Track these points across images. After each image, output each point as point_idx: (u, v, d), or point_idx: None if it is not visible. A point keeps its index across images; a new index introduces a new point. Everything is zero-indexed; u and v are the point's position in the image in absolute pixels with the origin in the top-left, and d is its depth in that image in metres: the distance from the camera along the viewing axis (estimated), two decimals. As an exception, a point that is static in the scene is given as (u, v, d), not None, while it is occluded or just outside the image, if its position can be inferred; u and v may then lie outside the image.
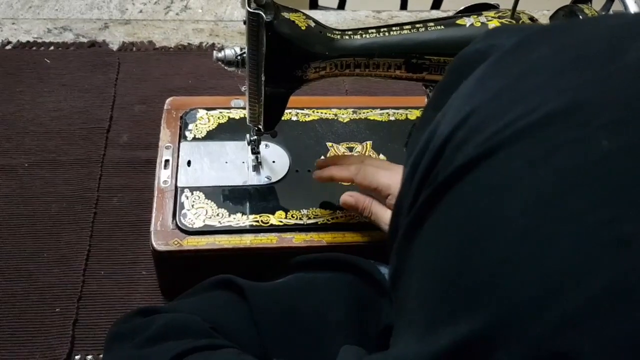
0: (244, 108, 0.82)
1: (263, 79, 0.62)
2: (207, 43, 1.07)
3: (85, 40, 1.05)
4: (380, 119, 0.86)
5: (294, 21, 0.61)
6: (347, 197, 0.68)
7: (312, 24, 0.62)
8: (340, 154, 0.80)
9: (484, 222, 0.25)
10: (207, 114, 0.83)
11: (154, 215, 0.70)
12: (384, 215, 0.66)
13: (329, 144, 0.81)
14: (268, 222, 0.71)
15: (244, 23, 0.59)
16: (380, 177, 0.65)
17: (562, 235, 0.22)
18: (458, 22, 0.64)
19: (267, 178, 0.76)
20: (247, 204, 0.73)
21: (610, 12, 0.69)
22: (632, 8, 0.61)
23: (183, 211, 0.71)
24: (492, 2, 0.68)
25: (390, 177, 0.65)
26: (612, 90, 0.24)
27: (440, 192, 0.27)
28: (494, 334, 0.23)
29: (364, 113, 0.86)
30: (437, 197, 0.28)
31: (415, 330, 0.29)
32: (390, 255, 0.33)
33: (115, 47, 1.05)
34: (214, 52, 0.65)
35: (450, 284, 0.26)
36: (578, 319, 0.21)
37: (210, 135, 0.80)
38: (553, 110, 0.24)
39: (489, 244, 0.25)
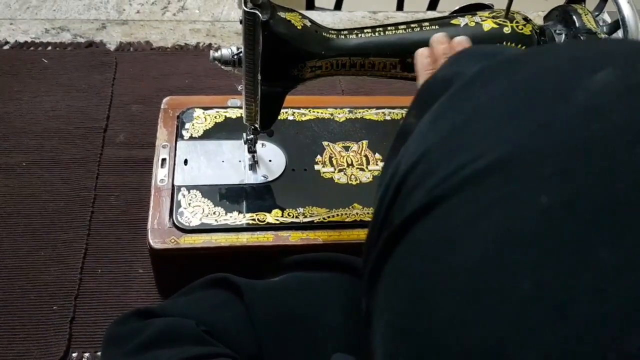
0: (240, 107, 0.83)
1: (259, 78, 0.63)
2: (204, 43, 1.08)
3: (82, 40, 1.06)
4: (376, 119, 0.86)
5: (290, 21, 0.61)
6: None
7: (308, 24, 0.63)
8: (336, 153, 0.80)
9: (432, 278, 0.24)
10: (203, 113, 0.83)
11: (150, 213, 0.70)
12: None
13: (325, 143, 0.82)
14: (264, 221, 0.71)
15: (240, 23, 0.60)
16: None
17: (499, 299, 0.21)
18: (453, 22, 0.65)
19: (264, 177, 0.76)
20: (244, 202, 0.73)
21: (604, 12, 0.69)
22: (625, 8, 0.62)
23: (180, 210, 0.71)
24: (486, 2, 0.69)
25: None
26: (556, 137, 0.23)
27: (396, 238, 0.27)
28: None
29: (359, 112, 0.86)
30: (393, 242, 0.27)
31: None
32: (360, 290, 0.32)
33: (112, 47, 1.05)
34: (211, 51, 0.65)
35: (402, 340, 0.26)
36: None
37: (207, 135, 0.81)
38: (495, 159, 0.23)
39: (435, 303, 0.24)
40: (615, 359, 0.19)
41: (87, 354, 0.69)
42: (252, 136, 0.74)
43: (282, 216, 0.72)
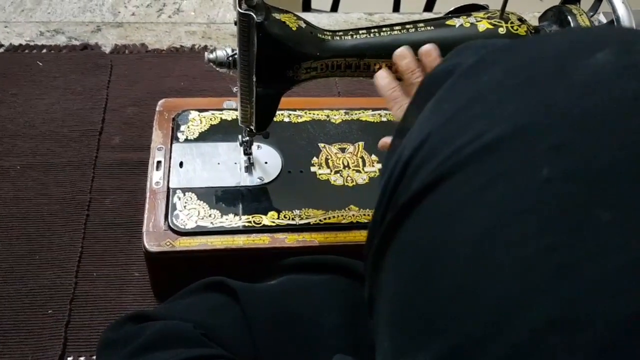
0: (236, 109, 0.83)
1: (254, 79, 0.62)
2: (200, 45, 1.07)
3: (77, 43, 1.05)
4: (372, 120, 0.86)
5: (284, 22, 0.61)
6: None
7: (303, 25, 0.63)
8: (332, 155, 0.80)
9: (435, 250, 0.25)
10: (199, 115, 0.83)
11: (146, 216, 0.70)
12: None
13: (321, 144, 0.82)
14: (260, 223, 0.71)
15: (235, 24, 0.60)
16: None
17: (504, 265, 0.22)
18: (448, 22, 0.65)
19: (260, 179, 0.76)
20: (240, 204, 0.73)
21: (599, 12, 0.69)
22: (620, 8, 0.62)
23: (175, 212, 0.71)
24: (481, 3, 0.69)
25: None
26: (556, 113, 0.24)
27: (401, 218, 0.27)
28: None
29: (356, 114, 0.86)
30: (398, 222, 0.28)
31: (384, 357, 0.29)
32: (365, 277, 0.33)
33: (107, 49, 1.05)
34: (206, 53, 0.65)
35: (408, 314, 0.26)
36: (523, 351, 0.21)
37: (203, 137, 0.80)
38: (497, 136, 0.24)
39: (439, 273, 0.24)
40: (612, 319, 0.19)
41: (82, 358, 0.69)
42: (247, 138, 0.74)
43: (278, 218, 0.72)
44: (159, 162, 0.76)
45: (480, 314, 0.22)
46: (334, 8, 1.58)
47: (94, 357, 0.68)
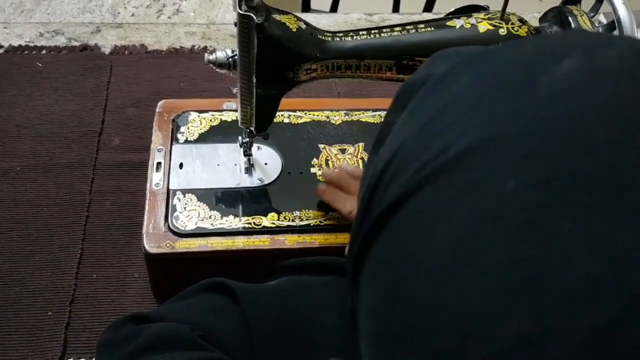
0: (235, 110, 0.82)
1: (254, 80, 0.62)
2: (199, 46, 1.07)
3: (77, 44, 1.05)
4: (372, 121, 0.86)
5: (284, 23, 0.61)
6: (324, 190, 0.71)
7: (303, 26, 0.63)
8: (332, 156, 0.80)
9: (408, 265, 0.25)
10: (199, 116, 0.83)
11: (146, 217, 0.70)
12: (344, 205, 0.70)
13: (321, 145, 0.81)
14: (260, 224, 0.71)
15: (235, 25, 0.59)
16: None
17: (473, 279, 0.22)
18: (448, 23, 0.65)
19: (260, 180, 0.76)
20: (240, 206, 0.73)
21: (600, 13, 0.69)
22: (620, 9, 0.62)
23: (175, 213, 0.71)
24: (482, 4, 0.68)
25: None
26: (522, 123, 0.24)
27: (374, 231, 0.27)
28: None
29: (356, 115, 0.86)
30: (372, 236, 0.28)
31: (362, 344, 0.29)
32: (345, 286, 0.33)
33: (107, 50, 1.05)
34: (206, 54, 0.65)
35: (383, 328, 0.26)
36: None
37: (202, 138, 0.80)
38: (465, 147, 0.24)
39: (412, 288, 0.24)
40: (577, 332, 0.19)
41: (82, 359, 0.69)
42: (247, 139, 0.74)
43: (278, 219, 0.72)
44: (158, 164, 0.76)
45: (449, 329, 0.22)
46: (334, 8, 1.58)
47: (94, 359, 0.68)
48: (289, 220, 0.72)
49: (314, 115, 0.85)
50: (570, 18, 0.65)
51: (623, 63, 0.25)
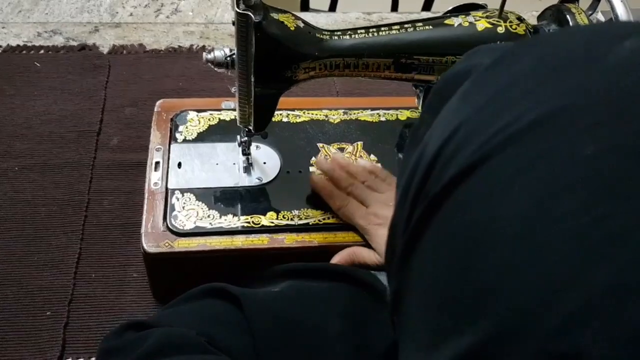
0: (234, 109, 0.82)
1: (253, 79, 0.62)
2: (198, 45, 1.07)
3: (75, 43, 1.05)
4: (371, 120, 0.86)
5: (283, 22, 0.61)
6: (338, 259, 0.69)
7: (301, 25, 0.63)
8: (330, 155, 0.80)
9: (481, 230, 0.25)
10: (197, 115, 0.83)
11: (144, 217, 0.70)
12: (369, 255, 0.68)
13: (319, 144, 0.81)
14: (259, 223, 0.71)
15: (233, 24, 0.59)
16: (356, 218, 0.70)
17: (557, 236, 0.23)
18: (446, 22, 0.65)
19: (258, 179, 0.76)
20: (238, 205, 0.73)
21: (598, 11, 0.69)
22: (618, 7, 0.62)
23: (174, 213, 0.71)
24: (480, 2, 0.69)
25: (365, 216, 0.69)
26: (592, 93, 0.25)
27: (434, 207, 0.28)
28: (497, 342, 0.23)
29: (354, 114, 0.86)
30: (431, 212, 0.28)
31: (418, 347, 0.29)
32: (388, 279, 0.33)
33: (105, 50, 1.05)
34: (204, 53, 0.65)
35: (450, 296, 0.26)
36: (579, 319, 0.21)
37: (201, 137, 0.80)
38: (537, 117, 0.25)
39: (487, 252, 0.25)
40: None
41: (81, 360, 0.69)
42: (246, 138, 0.74)
43: (277, 219, 0.72)
44: (157, 163, 0.76)
45: (533, 286, 0.23)
46: (332, 8, 1.58)
47: (93, 359, 0.68)
48: (287, 219, 0.72)
49: (312, 114, 0.85)
50: (568, 16, 0.65)
51: None
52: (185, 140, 0.79)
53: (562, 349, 0.21)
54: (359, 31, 0.64)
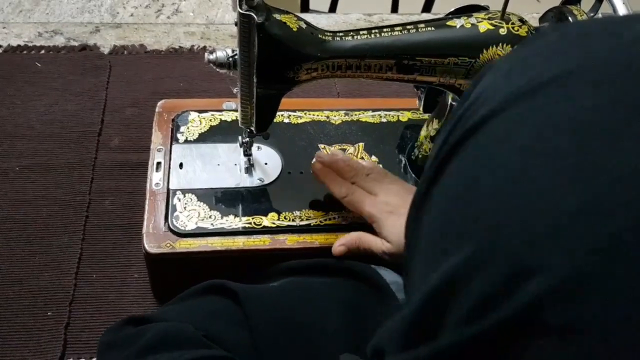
0: (235, 110, 0.82)
1: (255, 80, 0.62)
2: (199, 46, 1.07)
3: (76, 43, 1.05)
4: (372, 121, 0.86)
5: (285, 23, 0.61)
6: (338, 249, 0.68)
7: (304, 26, 0.63)
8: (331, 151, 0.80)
9: (481, 165, 0.28)
10: (198, 116, 0.83)
11: (146, 217, 0.70)
12: (375, 242, 0.67)
13: (321, 145, 0.81)
14: (261, 224, 0.71)
15: (236, 25, 0.59)
16: (365, 206, 0.68)
17: (541, 169, 0.25)
18: (448, 23, 0.65)
19: (260, 180, 0.76)
20: (240, 206, 0.73)
21: (599, 13, 0.69)
22: (620, 9, 0.62)
23: (175, 213, 0.71)
24: (482, 4, 0.69)
25: (375, 204, 0.68)
26: (601, 57, 0.27)
27: (457, 146, 0.30)
28: (474, 260, 0.26)
29: (355, 115, 0.86)
30: (452, 153, 0.30)
31: (414, 282, 0.31)
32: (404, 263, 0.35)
33: (106, 50, 1.05)
34: (206, 53, 0.65)
35: (449, 222, 0.29)
36: (546, 237, 0.24)
37: (202, 138, 0.80)
38: (548, 78, 0.28)
39: (481, 184, 0.28)
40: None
41: (82, 360, 0.69)
42: (247, 139, 0.74)
43: (278, 219, 0.72)
44: (158, 163, 0.76)
45: (510, 211, 0.25)
46: (333, 9, 1.58)
47: (94, 359, 0.68)
48: (289, 220, 0.72)
49: (313, 115, 0.85)
50: (570, 18, 0.65)
51: None
52: (186, 141, 0.79)
53: (527, 262, 0.24)
54: (361, 32, 0.64)
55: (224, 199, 0.73)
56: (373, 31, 0.64)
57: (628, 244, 0.22)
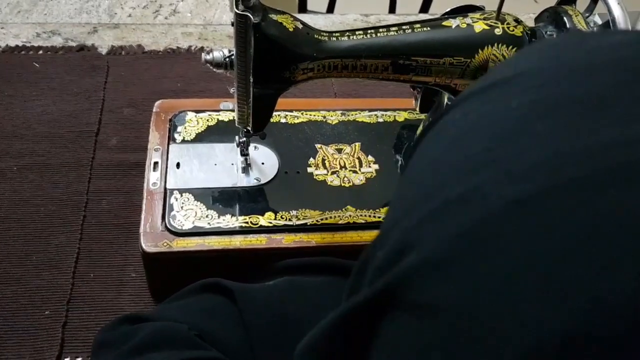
0: (232, 110, 0.83)
1: (251, 80, 0.63)
2: (196, 46, 1.08)
3: (74, 44, 1.05)
4: (369, 121, 0.86)
5: (281, 23, 0.61)
6: None
7: (300, 26, 0.63)
8: (329, 155, 0.80)
9: (418, 156, 0.30)
10: (196, 116, 0.83)
11: (143, 217, 0.70)
12: None
13: (317, 145, 0.82)
14: (257, 223, 0.71)
15: (232, 25, 0.60)
16: None
17: (451, 161, 0.27)
18: (444, 23, 0.65)
19: (257, 179, 0.76)
20: (237, 205, 0.73)
21: (595, 13, 0.70)
22: (615, 9, 0.62)
23: (172, 213, 0.71)
24: (477, 4, 0.69)
25: None
26: (555, 61, 0.28)
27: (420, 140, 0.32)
28: (382, 236, 0.29)
29: (352, 115, 0.86)
30: (416, 146, 0.32)
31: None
32: None
33: (104, 51, 1.05)
34: (203, 54, 0.65)
35: (399, 195, 0.32)
36: (427, 219, 0.25)
37: (199, 138, 0.80)
38: (499, 78, 0.29)
39: (410, 169, 0.30)
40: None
41: (79, 359, 0.69)
42: (244, 139, 0.74)
43: (275, 219, 0.72)
44: (155, 163, 0.76)
45: (412, 194, 0.28)
46: (330, 9, 1.58)
47: (90, 359, 0.68)
48: (285, 220, 0.72)
49: (310, 115, 0.86)
50: (565, 18, 0.65)
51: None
52: (183, 141, 0.80)
53: (409, 239, 0.25)
54: (357, 32, 0.65)
55: (221, 198, 0.73)
56: (369, 31, 0.65)
57: (481, 234, 0.23)
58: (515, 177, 0.23)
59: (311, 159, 0.80)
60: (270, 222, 0.72)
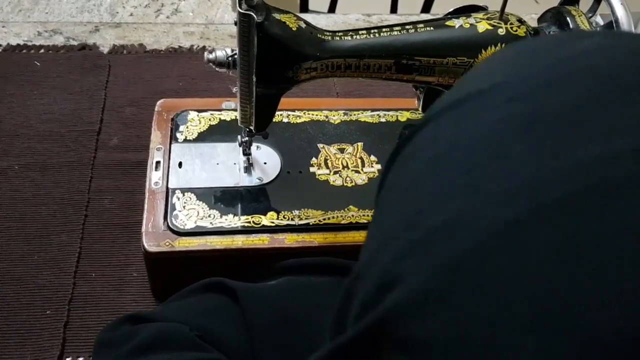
0: (235, 110, 0.82)
1: (254, 79, 0.62)
2: (198, 46, 1.07)
3: (75, 43, 1.05)
4: (371, 121, 0.86)
5: (285, 22, 0.61)
6: None
7: (303, 25, 0.63)
8: (331, 155, 0.80)
9: (397, 176, 0.30)
10: (198, 115, 0.83)
11: (145, 216, 0.70)
12: None
13: (320, 145, 0.82)
14: (260, 223, 0.71)
15: (235, 24, 0.60)
16: None
17: (431, 182, 0.26)
18: (447, 23, 0.65)
19: (259, 179, 0.76)
20: (239, 205, 0.73)
21: (597, 14, 0.70)
22: (618, 10, 0.62)
23: (174, 212, 0.71)
24: (481, 4, 0.69)
25: None
26: (526, 75, 0.27)
27: (394, 157, 0.32)
28: (364, 269, 0.28)
29: (354, 115, 0.86)
30: (390, 164, 0.32)
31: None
32: None
33: (105, 50, 1.05)
34: (205, 53, 0.65)
35: (386, 207, 0.31)
36: (409, 251, 0.24)
37: (202, 137, 0.80)
38: (474, 91, 0.28)
39: (388, 194, 0.30)
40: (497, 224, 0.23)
41: (81, 359, 0.69)
42: (246, 138, 0.74)
43: (277, 219, 0.72)
44: (157, 163, 0.76)
45: (390, 222, 0.28)
46: (332, 9, 1.58)
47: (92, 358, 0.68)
48: (288, 219, 0.72)
49: (313, 114, 0.86)
50: (568, 18, 0.65)
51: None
52: (185, 140, 0.80)
53: (392, 272, 0.25)
54: (360, 32, 0.65)
55: (223, 198, 0.73)
56: (372, 31, 0.64)
57: (470, 265, 0.22)
58: (497, 201, 0.23)
59: (313, 159, 0.80)
60: (273, 222, 0.72)
